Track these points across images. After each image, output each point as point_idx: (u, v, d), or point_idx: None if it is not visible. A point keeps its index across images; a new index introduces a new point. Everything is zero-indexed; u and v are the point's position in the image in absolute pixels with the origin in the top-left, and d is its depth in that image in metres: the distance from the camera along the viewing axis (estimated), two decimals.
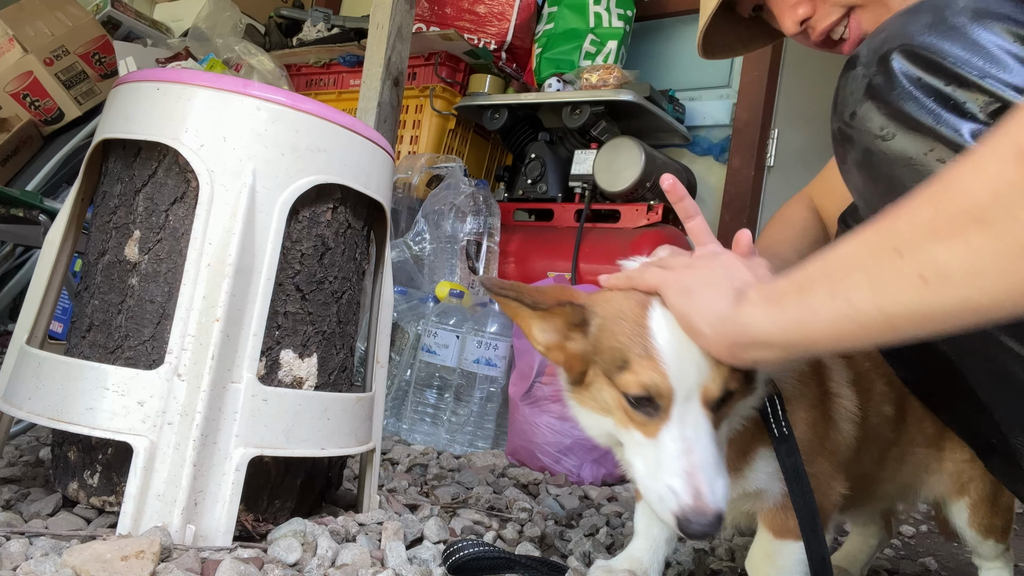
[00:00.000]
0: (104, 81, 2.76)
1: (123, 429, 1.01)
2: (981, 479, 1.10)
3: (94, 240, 1.17)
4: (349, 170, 1.18)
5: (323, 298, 1.19)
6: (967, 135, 0.70)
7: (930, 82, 0.74)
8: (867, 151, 0.79)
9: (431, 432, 2.11)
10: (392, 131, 2.20)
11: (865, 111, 0.79)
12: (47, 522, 1.08)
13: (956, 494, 1.12)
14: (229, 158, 1.07)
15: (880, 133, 0.77)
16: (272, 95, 1.11)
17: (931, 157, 0.73)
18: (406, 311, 2.26)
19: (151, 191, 1.11)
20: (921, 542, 1.77)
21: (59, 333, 2.57)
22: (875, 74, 0.78)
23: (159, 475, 1.00)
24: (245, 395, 1.06)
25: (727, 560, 1.35)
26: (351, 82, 3.13)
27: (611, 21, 3.07)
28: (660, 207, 2.58)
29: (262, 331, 1.08)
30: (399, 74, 2.17)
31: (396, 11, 2.12)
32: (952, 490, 1.12)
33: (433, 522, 1.19)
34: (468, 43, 2.91)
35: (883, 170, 0.78)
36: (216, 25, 2.96)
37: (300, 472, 1.19)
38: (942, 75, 0.74)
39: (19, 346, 1.16)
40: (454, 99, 2.99)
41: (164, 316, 1.08)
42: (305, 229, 1.16)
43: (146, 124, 1.10)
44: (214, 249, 1.06)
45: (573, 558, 1.17)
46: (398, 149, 2.94)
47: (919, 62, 0.75)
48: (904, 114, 0.75)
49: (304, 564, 1.00)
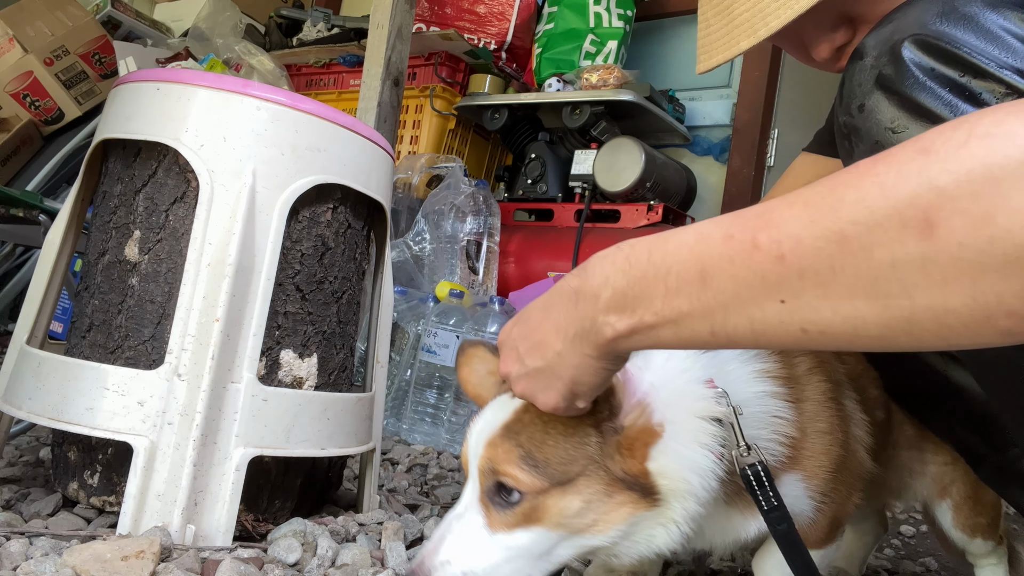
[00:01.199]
0: (104, 81, 2.76)
1: (123, 429, 1.01)
2: (962, 480, 1.10)
3: (94, 240, 1.17)
4: (349, 170, 1.18)
5: (323, 298, 1.19)
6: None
7: (944, 72, 0.71)
8: (876, 144, 0.75)
9: (431, 432, 2.11)
10: (392, 131, 2.20)
11: (874, 103, 0.75)
12: (47, 522, 1.08)
13: (939, 496, 1.12)
14: (229, 158, 1.07)
15: (891, 125, 0.74)
16: (272, 95, 1.11)
17: None
18: (406, 311, 2.26)
19: (151, 191, 1.11)
20: (921, 542, 1.77)
21: (59, 333, 2.57)
22: (885, 64, 0.75)
23: (159, 475, 1.00)
24: (245, 395, 1.06)
25: (727, 560, 1.35)
26: (351, 82, 3.13)
27: (611, 21, 3.07)
28: (660, 207, 2.58)
29: (262, 331, 1.08)
30: (399, 74, 2.17)
31: (396, 11, 2.12)
32: (935, 492, 1.12)
33: (433, 522, 1.19)
34: (468, 43, 2.91)
35: None
36: (216, 25, 2.96)
37: (300, 472, 1.19)
38: (957, 64, 0.70)
39: (19, 346, 1.16)
40: (454, 99, 2.98)
41: (164, 316, 1.08)
42: (305, 229, 1.16)
43: (146, 124, 1.10)
44: (214, 249, 1.06)
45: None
46: (398, 149, 2.94)
47: (932, 51, 0.72)
48: (917, 105, 0.72)
49: (304, 564, 1.00)
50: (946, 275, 0.47)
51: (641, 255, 0.60)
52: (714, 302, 0.56)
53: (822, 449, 0.86)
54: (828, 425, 0.86)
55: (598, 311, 0.62)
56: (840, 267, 0.50)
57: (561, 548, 0.75)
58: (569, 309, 0.66)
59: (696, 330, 0.58)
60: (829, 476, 0.86)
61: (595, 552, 0.77)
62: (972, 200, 0.45)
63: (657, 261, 0.59)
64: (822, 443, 0.86)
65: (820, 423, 0.86)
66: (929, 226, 0.47)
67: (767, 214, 0.53)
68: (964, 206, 0.46)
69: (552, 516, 0.72)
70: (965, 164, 0.46)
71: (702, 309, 0.56)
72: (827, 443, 0.86)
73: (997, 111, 0.46)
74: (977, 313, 0.47)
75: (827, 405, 0.87)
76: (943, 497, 1.12)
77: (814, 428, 0.86)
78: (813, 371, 0.88)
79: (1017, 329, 0.47)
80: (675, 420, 0.75)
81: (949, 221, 0.46)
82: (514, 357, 0.74)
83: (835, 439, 0.87)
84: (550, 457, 0.72)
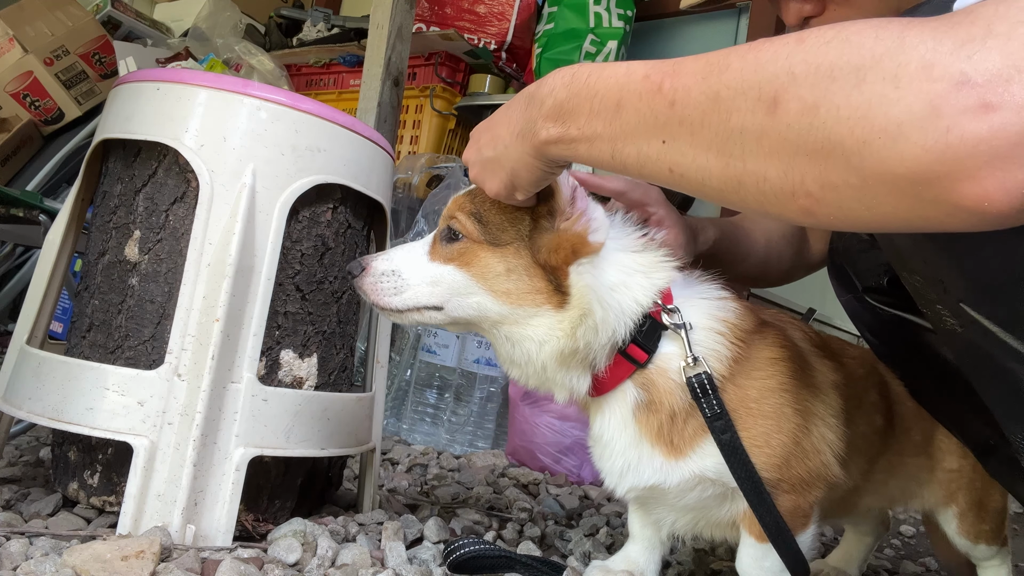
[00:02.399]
0: (104, 81, 2.76)
1: (123, 429, 1.01)
2: (968, 488, 1.10)
3: (94, 240, 1.17)
4: (349, 170, 1.18)
5: (323, 298, 1.19)
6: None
7: None
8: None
9: (431, 432, 2.11)
10: (392, 131, 2.20)
11: None
12: (47, 522, 1.08)
13: (944, 504, 1.12)
14: (229, 158, 1.07)
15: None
16: (272, 95, 1.11)
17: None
18: None
19: (151, 191, 1.11)
20: (921, 542, 1.77)
21: (59, 333, 2.57)
22: None
23: (159, 475, 1.00)
24: (245, 395, 1.06)
25: (727, 560, 1.35)
26: (351, 82, 3.13)
27: (611, 21, 3.07)
28: None
29: (262, 331, 1.08)
30: (399, 74, 2.17)
31: (396, 11, 2.12)
32: (940, 500, 1.12)
33: (433, 522, 1.19)
34: (468, 43, 2.91)
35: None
36: (216, 25, 2.96)
37: (300, 472, 1.19)
38: None
39: (19, 346, 1.16)
40: (454, 99, 2.98)
41: (164, 316, 1.08)
42: (305, 229, 1.16)
43: (146, 124, 1.10)
44: (214, 249, 1.06)
45: (573, 558, 1.17)
46: (398, 149, 2.93)
47: None
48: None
49: (304, 564, 1.00)
50: (772, 148, 0.55)
51: (582, 76, 0.70)
52: (619, 131, 0.66)
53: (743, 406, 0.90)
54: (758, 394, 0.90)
55: (539, 115, 0.74)
56: (707, 122, 0.59)
57: (472, 297, 0.89)
58: (521, 109, 0.78)
59: (602, 151, 0.68)
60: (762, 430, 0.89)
61: (494, 324, 0.90)
62: (809, 90, 0.53)
63: (592, 83, 0.69)
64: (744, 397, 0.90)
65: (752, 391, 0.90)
66: (775, 104, 0.55)
67: (680, 64, 0.62)
68: (802, 93, 0.54)
69: (477, 265, 0.89)
70: (818, 59, 0.53)
71: (610, 134, 0.67)
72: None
73: (870, 21, 0.53)
74: (786, 187, 0.56)
75: (772, 388, 0.90)
76: (948, 504, 1.12)
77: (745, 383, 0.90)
78: (768, 346, 0.92)
79: (813, 209, 0.56)
80: (621, 264, 0.89)
81: (788, 103, 0.54)
82: (475, 146, 0.88)
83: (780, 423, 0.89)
84: (491, 220, 0.89)
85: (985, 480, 1.10)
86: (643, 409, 0.90)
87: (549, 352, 0.88)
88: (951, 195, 0.49)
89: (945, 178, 0.49)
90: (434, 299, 0.91)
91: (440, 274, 0.90)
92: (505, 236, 0.88)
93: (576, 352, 0.88)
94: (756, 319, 0.94)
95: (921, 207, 0.51)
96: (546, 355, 0.88)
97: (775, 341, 0.92)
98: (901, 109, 0.49)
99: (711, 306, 0.93)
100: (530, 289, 0.87)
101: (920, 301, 0.85)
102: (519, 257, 0.88)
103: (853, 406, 0.98)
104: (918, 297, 0.85)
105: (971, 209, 0.49)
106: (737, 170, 0.58)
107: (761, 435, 0.87)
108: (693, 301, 0.92)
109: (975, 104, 0.47)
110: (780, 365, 0.90)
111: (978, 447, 1.04)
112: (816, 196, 0.55)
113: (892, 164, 0.50)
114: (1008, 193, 0.48)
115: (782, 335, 0.94)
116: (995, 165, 0.47)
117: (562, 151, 0.73)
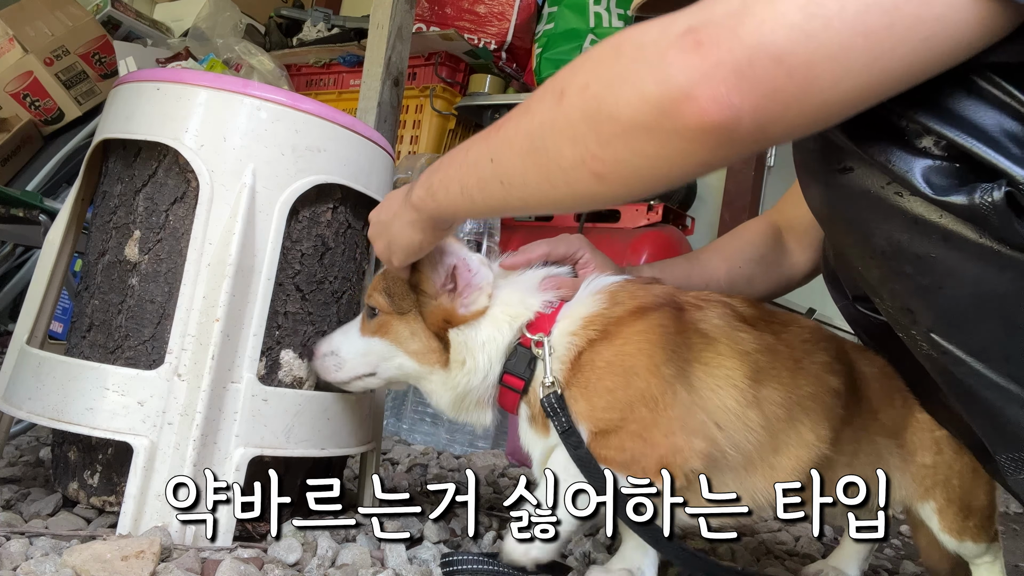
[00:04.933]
0: (104, 81, 2.75)
1: (123, 429, 1.01)
2: (944, 485, 1.08)
3: (94, 240, 1.17)
4: (349, 170, 1.19)
5: (323, 298, 1.19)
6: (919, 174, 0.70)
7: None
8: (827, 184, 0.78)
9: (431, 432, 2.11)
10: (392, 131, 2.20)
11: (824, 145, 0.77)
12: (47, 522, 1.08)
13: (921, 498, 1.10)
14: (229, 158, 1.07)
15: (839, 167, 0.76)
16: (272, 95, 1.11)
17: (889, 190, 0.71)
18: None
19: (151, 191, 1.11)
20: None
21: (59, 333, 2.57)
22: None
23: (159, 475, 1.00)
24: (245, 395, 1.06)
25: (727, 560, 1.35)
26: (351, 82, 3.12)
27: (611, 21, 3.07)
28: (660, 207, 2.57)
29: (262, 331, 1.08)
30: (399, 74, 2.17)
31: (396, 11, 2.12)
32: (917, 494, 1.10)
33: (433, 522, 1.19)
34: (468, 43, 2.91)
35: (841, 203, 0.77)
36: (216, 25, 2.96)
37: (300, 472, 1.19)
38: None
39: (19, 346, 1.16)
40: (454, 99, 2.98)
41: (164, 316, 1.08)
42: (305, 229, 1.16)
43: (146, 124, 1.10)
44: (214, 249, 1.06)
45: (573, 558, 1.17)
46: (398, 149, 2.93)
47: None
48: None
49: (304, 564, 1.00)
50: (563, 127, 0.66)
51: (457, 149, 0.82)
52: (464, 166, 0.79)
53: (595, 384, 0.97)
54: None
55: (419, 183, 0.88)
56: (520, 129, 0.71)
57: (395, 360, 1.05)
58: (417, 181, 0.90)
59: (452, 191, 0.81)
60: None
61: (416, 380, 1.06)
62: (584, 75, 0.65)
63: (455, 151, 0.82)
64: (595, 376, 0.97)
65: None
66: (562, 94, 0.66)
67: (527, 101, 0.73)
68: (579, 79, 0.65)
69: (392, 332, 1.04)
70: (596, 50, 0.66)
71: (458, 174, 0.80)
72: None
73: (672, 16, 0.62)
74: (578, 158, 0.65)
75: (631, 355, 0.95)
76: (925, 499, 1.09)
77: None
78: (636, 322, 0.97)
79: (603, 172, 0.65)
80: (494, 320, 1.01)
81: (570, 91, 0.66)
82: (377, 208, 1.01)
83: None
84: (395, 292, 1.03)
85: (965, 478, 1.09)
86: (531, 419, 1.02)
87: (446, 401, 1.05)
88: (682, 118, 0.59)
89: (674, 104, 0.59)
90: (367, 367, 1.07)
91: (368, 346, 1.06)
92: (405, 304, 1.03)
93: (466, 396, 1.03)
94: (636, 304, 0.99)
95: (670, 141, 0.61)
96: (445, 404, 1.05)
97: (645, 318, 0.98)
98: (643, 64, 0.61)
99: (580, 309, 1.00)
100: (427, 349, 1.02)
101: (895, 327, 0.85)
102: (417, 321, 1.03)
103: (784, 368, 0.99)
104: (893, 323, 0.85)
105: (699, 127, 0.59)
106: (544, 159, 0.68)
107: (603, 388, 0.95)
108: (570, 310, 1.01)
109: (690, 43, 0.59)
110: (640, 336, 0.96)
111: (976, 449, 1.04)
112: (600, 156, 0.64)
113: (637, 105, 0.61)
114: (718, 103, 0.58)
115: (663, 313, 0.98)
116: (703, 83, 0.58)
117: (428, 203, 0.86)
